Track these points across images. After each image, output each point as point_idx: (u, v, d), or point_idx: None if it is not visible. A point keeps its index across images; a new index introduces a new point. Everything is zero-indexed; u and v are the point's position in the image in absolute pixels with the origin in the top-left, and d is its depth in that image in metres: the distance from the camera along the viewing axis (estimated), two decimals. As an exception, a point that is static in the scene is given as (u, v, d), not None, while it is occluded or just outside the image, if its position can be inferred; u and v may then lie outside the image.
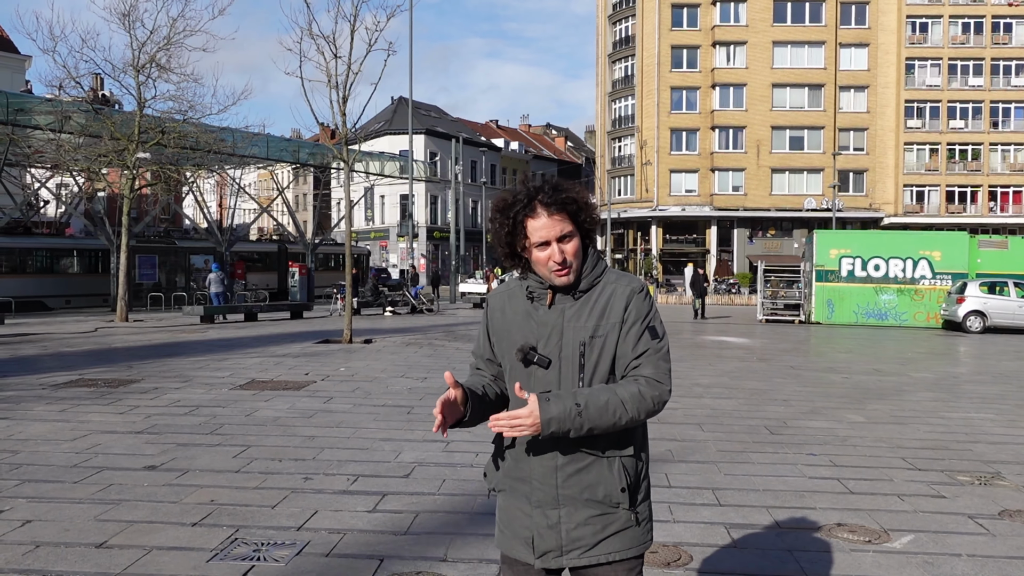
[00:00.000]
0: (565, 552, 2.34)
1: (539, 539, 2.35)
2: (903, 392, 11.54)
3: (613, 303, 2.37)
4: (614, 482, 2.34)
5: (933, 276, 26.35)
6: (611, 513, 2.35)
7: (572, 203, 2.34)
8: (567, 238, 2.33)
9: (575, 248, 2.35)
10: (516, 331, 2.42)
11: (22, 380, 11.52)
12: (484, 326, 2.55)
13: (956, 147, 59.14)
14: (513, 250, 2.42)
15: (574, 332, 2.35)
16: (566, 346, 2.35)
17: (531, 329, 2.39)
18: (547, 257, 2.33)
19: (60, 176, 37.78)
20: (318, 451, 7.23)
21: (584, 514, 2.34)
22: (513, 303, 2.47)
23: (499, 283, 37.18)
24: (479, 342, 2.58)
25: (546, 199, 2.32)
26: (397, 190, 60.21)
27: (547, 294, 2.39)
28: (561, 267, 2.33)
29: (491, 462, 2.53)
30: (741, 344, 19.03)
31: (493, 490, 2.51)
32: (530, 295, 2.42)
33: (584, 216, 2.37)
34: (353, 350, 16.12)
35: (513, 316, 2.45)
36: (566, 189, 2.36)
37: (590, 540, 2.34)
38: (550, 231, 2.31)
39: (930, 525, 5.36)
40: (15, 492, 5.85)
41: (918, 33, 58.91)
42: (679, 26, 59.70)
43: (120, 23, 22.90)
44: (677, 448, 7.49)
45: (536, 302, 2.41)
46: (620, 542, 2.36)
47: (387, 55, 18.45)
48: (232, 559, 4.58)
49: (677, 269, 56.18)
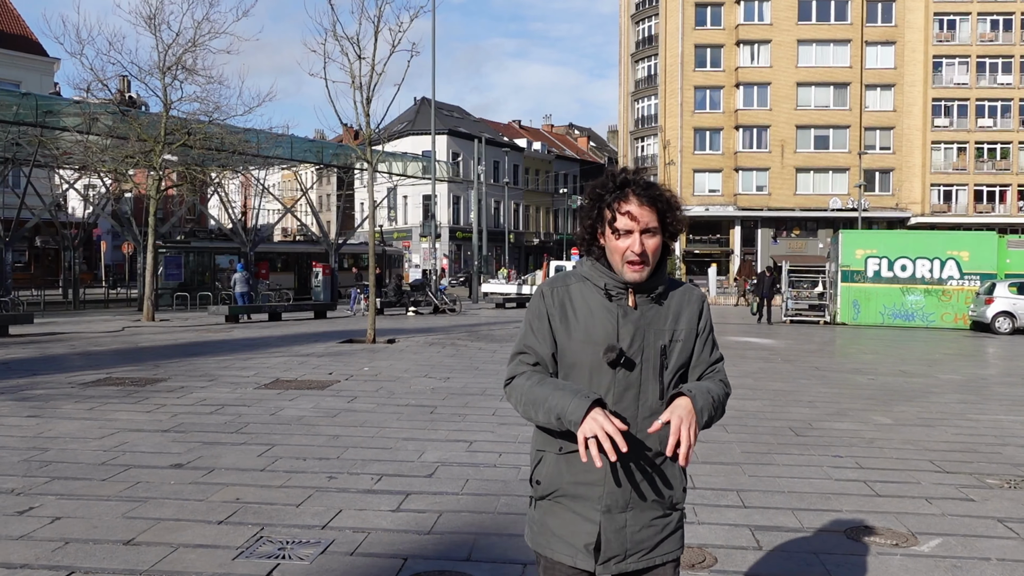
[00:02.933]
0: (628, 555, 2.32)
1: (606, 545, 2.30)
2: (930, 394, 11.41)
3: (685, 309, 2.40)
4: (679, 482, 2.38)
5: (961, 277, 26.01)
6: (669, 515, 2.38)
7: (663, 201, 2.31)
8: (651, 233, 2.30)
9: (656, 246, 2.31)
10: (595, 328, 2.33)
11: (51, 379, 11.67)
12: (544, 319, 2.38)
13: (984, 146, 58.40)
14: (593, 235, 2.39)
15: (655, 335, 2.34)
16: (647, 348, 2.33)
17: (613, 328, 2.32)
18: (626, 247, 2.28)
19: (88, 177, 38.25)
20: (342, 450, 7.26)
21: (648, 516, 2.34)
22: (578, 298, 2.37)
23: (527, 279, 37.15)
24: (537, 336, 2.38)
25: (639, 190, 2.30)
26: (420, 190, 60.37)
27: (628, 294, 2.34)
28: (638, 260, 2.27)
29: (546, 468, 2.39)
30: (765, 345, 18.89)
31: (544, 497, 2.38)
32: (608, 293, 2.35)
33: (671, 218, 2.33)
34: (376, 350, 16.18)
35: (580, 311, 2.36)
36: (659, 187, 2.34)
37: (650, 543, 2.34)
38: (634, 222, 2.28)
39: (959, 529, 5.30)
40: (45, 489, 5.93)
41: (946, 31, 58.22)
42: (703, 25, 59.43)
43: (146, 26, 23.16)
44: (701, 449, 7.44)
45: (615, 300, 2.34)
46: (672, 543, 2.39)
47: (410, 56, 18.47)
48: (257, 557, 4.61)
49: (700, 269, 55.88)
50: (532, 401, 2.29)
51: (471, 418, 8.91)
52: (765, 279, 26.82)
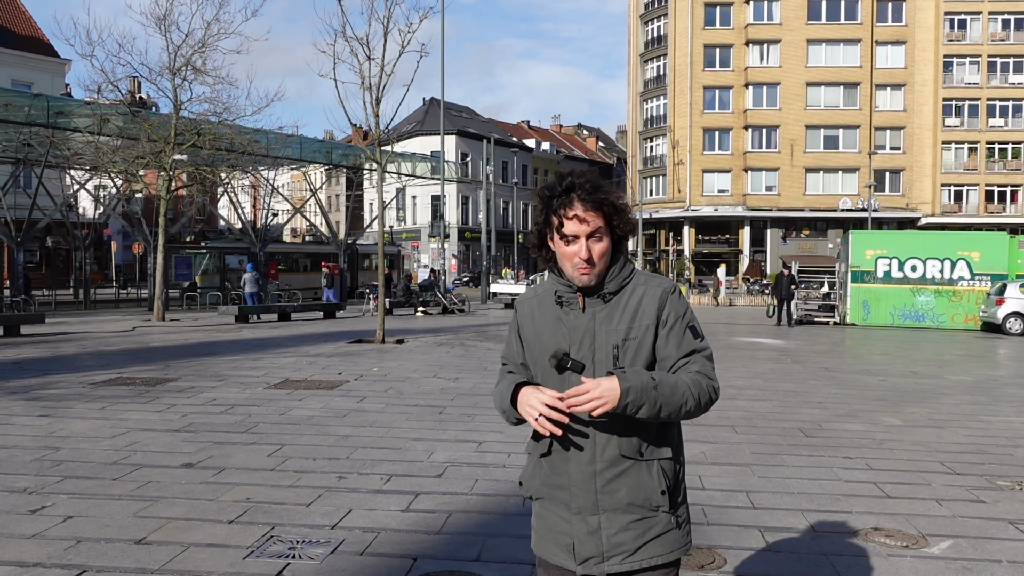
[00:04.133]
0: (607, 558, 2.31)
1: (580, 546, 2.32)
2: (941, 395, 11.36)
3: (645, 304, 2.35)
4: (654, 485, 2.32)
5: (972, 277, 25.88)
6: (651, 517, 2.32)
7: (608, 205, 2.30)
8: (596, 237, 2.30)
9: (603, 249, 2.31)
10: (548, 337, 2.38)
11: (63, 378, 11.74)
12: (515, 332, 2.52)
13: (996, 146, 58.13)
14: (543, 240, 2.41)
15: (606, 335, 2.32)
16: (599, 350, 2.32)
17: (563, 334, 2.35)
18: (573, 253, 2.29)
19: (98, 178, 38.44)
20: (351, 450, 7.28)
21: (624, 519, 2.31)
22: (543, 308, 2.43)
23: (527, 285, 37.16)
24: (511, 347, 2.54)
25: (583, 195, 2.29)
26: (428, 191, 60.40)
27: (577, 298, 2.36)
28: (586, 265, 2.29)
29: (527, 470, 2.49)
30: (775, 345, 18.85)
31: (530, 498, 2.47)
32: (559, 300, 2.38)
33: (618, 220, 2.33)
34: (385, 350, 16.21)
35: (543, 321, 2.41)
36: (605, 190, 2.32)
37: (631, 545, 2.31)
38: (580, 227, 2.28)
39: (969, 530, 5.28)
40: (57, 489, 5.97)
41: (956, 30, 57.96)
42: (712, 25, 59.33)
43: (156, 27, 23.26)
44: (710, 450, 7.44)
45: (566, 307, 2.37)
46: (661, 546, 2.33)
47: (419, 57, 18.50)
48: (268, 556, 4.63)
49: (709, 270, 55.74)
50: (496, 399, 2.45)
51: (480, 418, 8.92)
52: (782, 279, 25.50)
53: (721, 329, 23.97)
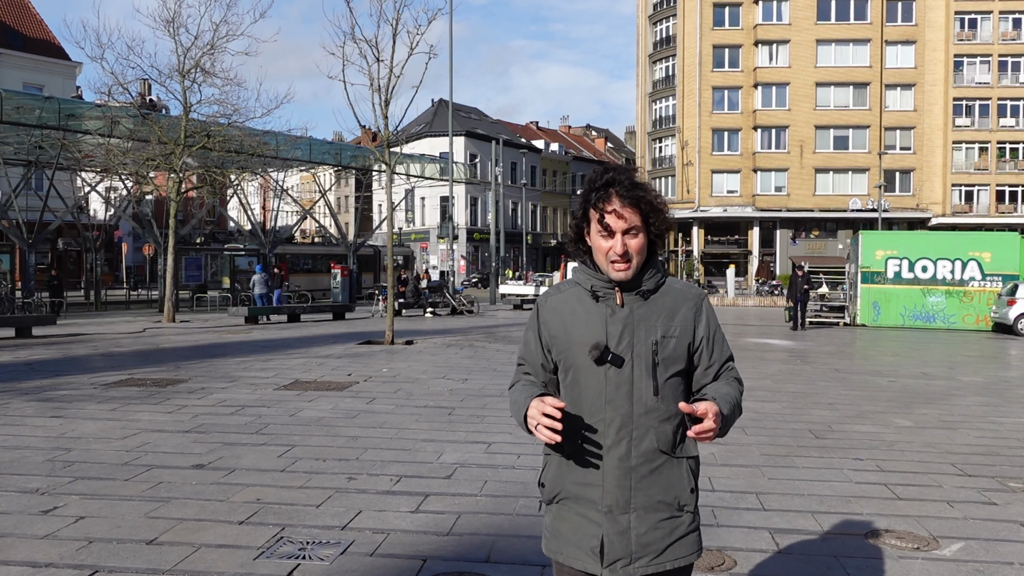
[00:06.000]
0: (635, 559, 2.30)
1: (609, 547, 2.30)
2: (952, 396, 11.31)
3: (679, 306, 2.39)
4: (683, 483, 2.34)
5: (983, 278, 25.74)
6: (677, 517, 2.34)
7: (646, 203, 2.31)
8: (633, 233, 2.31)
9: (639, 245, 2.32)
10: (583, 330, 2.36)
11: (74, 380, 11.80)
12: (535, 330, 2.47)
13: (1007, 146, 57.80)
14: (580, 234, 2.42)
15: (646, 331, 2.33)
16: (638, 344, 2.32)
17: (601, 327, 2.34)
18: (609, 247, 2.31)
19: (109, 180, 38.61)
20: (361, 451, 7.30)
21: (654, 518, 2.31)
22: (572, 303, 2.42)
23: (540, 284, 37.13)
24: (529, 347, 2.50)
25: (622, 190, 2.30)
26: (437, 192, 60.52)
27: (615, 293, 2.36)
28: (621, 260, 2.30)
29: (549, 471, 2.44)
30: (784, 346, 18.79)
31: (552, 500, 2.42)
32: (595, 294, 2.38)
33: (654, 219, 2.33)
34: (395, 351, 16.23)
35: (574, 315, 2.39)
36: (644, 187, 2.34)
37: (659, 546, 2.31)
38: (617, 222, 2.30)
39: (981, 532, 5.26)
40: (68, 489, 6.00)
41: (967, 29, 57.67)
42: (721, 25, 59.22)
43: (165, 30, 23.36)
44: (720, 451, 7.42)
45: (603, 301, 2.37)
46: (685, 547, 2.35)
47: (428, 58, 18.53)
48: (278, 557, 4.65)
49: (719, 271, 55.64)
50: (511, 408, 2.45)
51: (489, 419, 8.92)
52: (796, 280, 24.03)
53: (730, 330, 23.92)
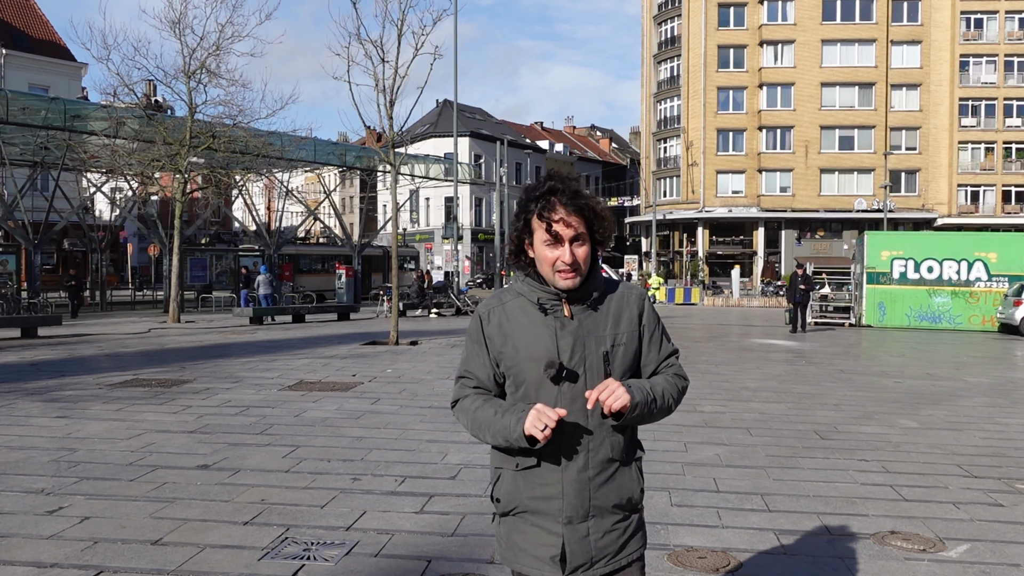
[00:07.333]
0: (595, 562, 2.32)
1: (571, 555, 2.30)
2: (958, 397, 11.28)
3: (624, 310, 2.37)
4: (635, 485, 2.39)
5: (989, 278, 25.66)
6: (629, 517, 2.38)
7: (589, 210, 2.28)
8: (580, 241, 2.28)
9: (586, 254, 2.29)
10: (532, 344, 2.30)
11: (80, 380, 11.82)
12: (481, 343, 2.40)
13: (1013, 146, 57.68)
14: (520, 247, 2.36)
15: (596, 343, 2.31)
16: (589, 356, 2.30)
17: (551, 341, 2.29)
18: (556, 257, 2.26)
19: (114, 180, 38.69)
20: (366, 452, 7.30)
21: (610, 521, 2.34)
22: (517, 316, 2.35)
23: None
24: (476, 361, 2.42)
25: (564, 199, 2.26)
26: (442, 192, 60.49)
27: (562, 305, 2.31)
28: (570, 269, 2.26)
29: (503, 486, 2.39)
30: (789, 347, 18.76)
31: (507, 513, 2.38)
32: (542, 307, 2.32)
33: (598, 226, 2.30)
34: (399, 352, 16.24)
35: (521, 330, 2.33)
36: (585, 196, 2.29)
37: (615, 547, 2.34)
38: (566, 230, 2.25)
39: (987, 534, 5.23)
40: (74, 489, 6.01)
41: (973, 29, 57.55)
42: (726, 25, 59.19)
43: (171, 31, 23.41)
44: (725, 452, 7.41)
45: (551, 314, 2.31)
46: (636, 542, 2.41)
47: (433, 59, 18.55)
48: (283, 558, 4.64)
49: (724, 271, 55.58)
50: (478, 425, 2.35)
51: (494, 420, 8.90)
52: (796, 280, 23.20)
53: (734, 331, 23.90)
